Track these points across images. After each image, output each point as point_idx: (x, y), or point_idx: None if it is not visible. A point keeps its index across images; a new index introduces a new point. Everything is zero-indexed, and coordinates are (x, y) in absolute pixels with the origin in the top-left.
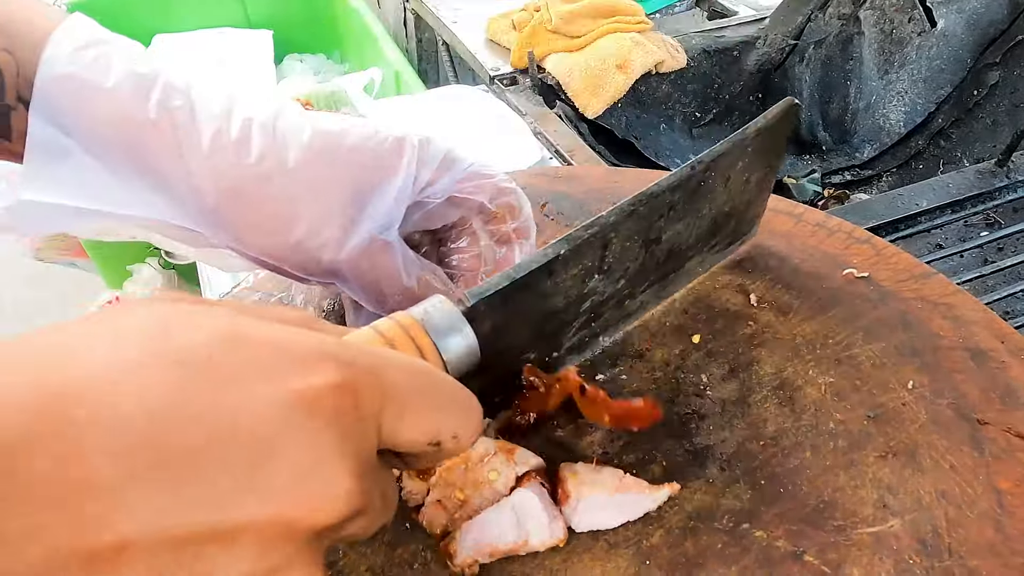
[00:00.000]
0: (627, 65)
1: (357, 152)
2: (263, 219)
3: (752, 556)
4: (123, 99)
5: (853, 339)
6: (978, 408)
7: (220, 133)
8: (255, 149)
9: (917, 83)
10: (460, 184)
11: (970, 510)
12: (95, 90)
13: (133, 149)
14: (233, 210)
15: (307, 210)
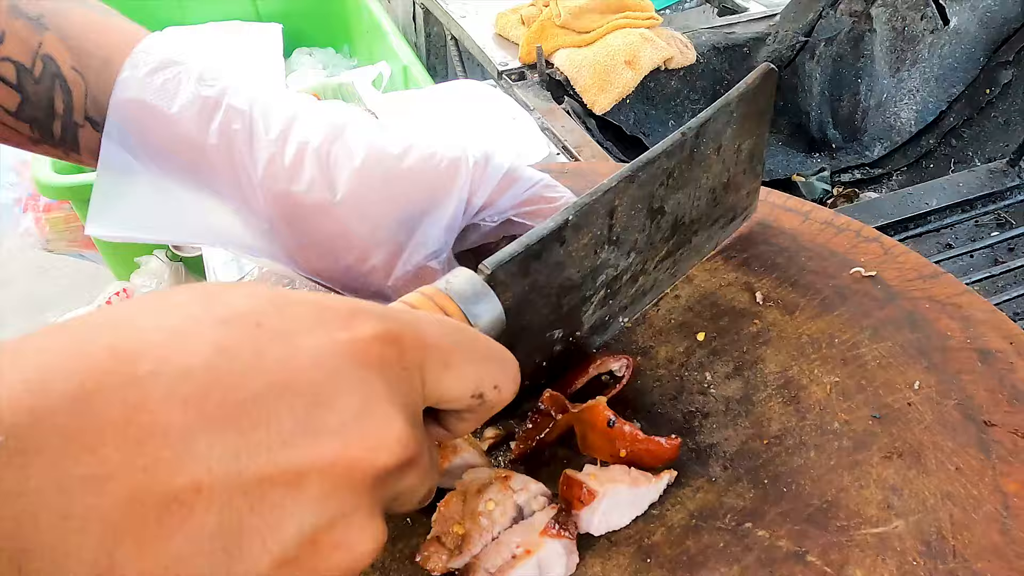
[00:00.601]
0: (636, 61)
1: (409, 177)
2: (313, 244)
3: (754, 555)
4: (187, 124)
5: (859, 339)
6: (985, 410)
7: (274, 159)
8: (306, 177)
9: (929, 81)
10: (520, 207)
11: (975, 512)
12: (161, 116)
13: (195, 172)
14: (286, 233)
15: (356, 237)
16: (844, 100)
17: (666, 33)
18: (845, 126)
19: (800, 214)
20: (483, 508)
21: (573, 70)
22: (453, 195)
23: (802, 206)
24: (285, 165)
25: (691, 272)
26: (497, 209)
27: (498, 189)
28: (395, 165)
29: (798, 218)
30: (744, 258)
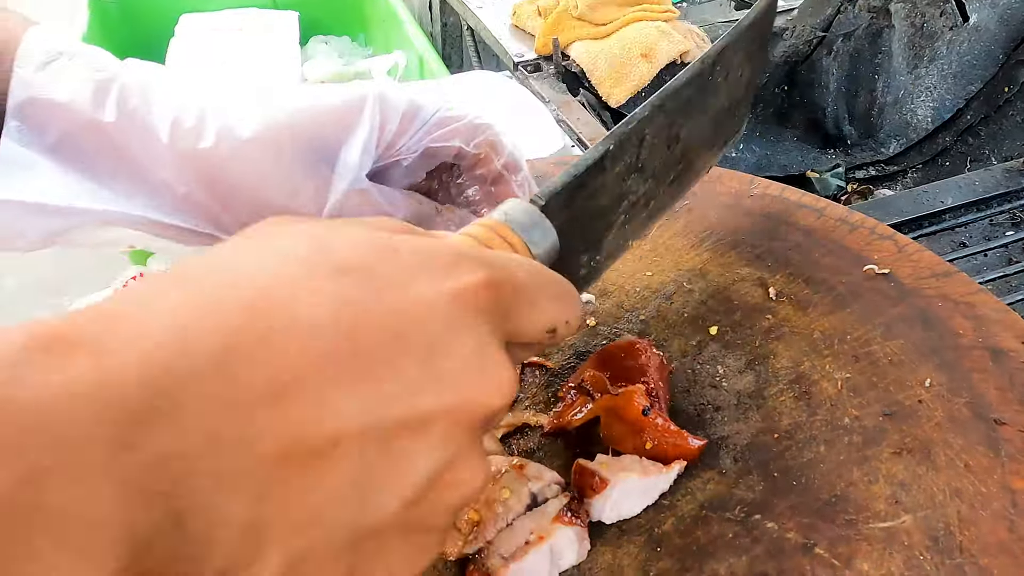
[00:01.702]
0: (652, 54)
1: (312, 114)
2: (237, 196)
3: (762, 547)
4: (82, 109)
5: (872, 335)
6: (995, 408)
7: (177, 123)
8: (209, 131)
9: (947, 78)
10: (431, 133)
11: (983, 509)
12: (55, 107)
13: (99, 153)
14: (205, 194)
15: (275, 177)
16: (860, 96)
17: (683, 27)
18: (861, 122)
19: (815, 211)
20: (498, 496)
21: (589, 62)
22: (364, 122)
23: (817, 203)
24: (189, 127)
25: (703, 267)
26: (412, 140)
27: (405, 119)
28: (294, 105)
29: (813, 215)
30: (758, 253)
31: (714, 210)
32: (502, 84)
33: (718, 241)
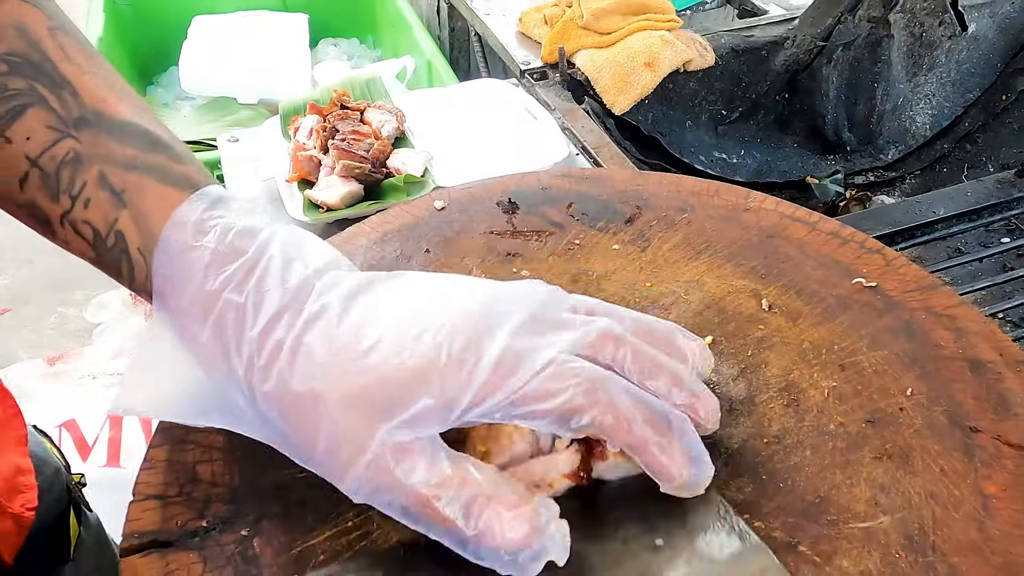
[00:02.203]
0: (656, 63)
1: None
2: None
3: None
4: (191, 322)
5: (858, 346)
6: (971, 416)
7: (251, 364)
8: (272, 382)
9: (945, 86)
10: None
11: (956, 511)
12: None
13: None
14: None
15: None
16: (860, 104)
17: (686, 35)
18: (860, 129)
19: (808, 224)
20: (509, 431)
21: (594, 71)
22: (419, 397)
23: (809, 216)
24: (260, 365)
25: (700, 279)
26: (484, 410)
27: (487, 385)
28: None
29: (805, 228)
30: (752, 266)
31: (711, 223)
32: (509, 92)
33: (714, 254)
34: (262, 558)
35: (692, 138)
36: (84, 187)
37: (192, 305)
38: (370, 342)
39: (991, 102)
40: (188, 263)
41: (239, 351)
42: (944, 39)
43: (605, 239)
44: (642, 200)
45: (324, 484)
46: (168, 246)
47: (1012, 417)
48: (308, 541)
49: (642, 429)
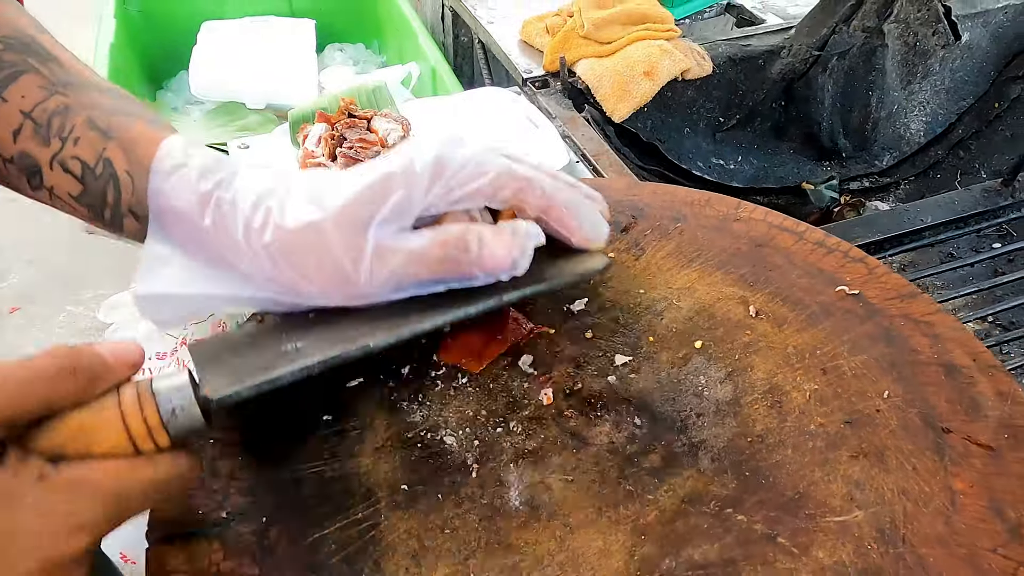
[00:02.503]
0: (654, 72)
1: (354, 190)
2: (296, 279)
3: (733, 536)
4: (192, 217)
5: (839, 351)
6: (944, 418)
7: (249, 227)
8: (269, 232)
9: (939, 94)
10: (453, 192)
11: (925, 506)
12: (175, 213)
13: (206, 250)
14: (278, 279)
15: (329, 252)
16: (855, 111)
17: (684, 45)
18: (855, 136)
19: (795, 234)
20: None
21: (594, 79)
22: (391, 194)
23: (797, 227)
24: (256, 228)
25: (691, 286)
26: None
27: (433, 180)
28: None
29: (793, 238)
30: (741, 274)
31: (703, 232)
32: (511, 101)
33: (705, 262)
34: (278, 547)
35: (690, 145)
36: (73, 129)
37: (190, 204)
38: (338, 182)
39: (984, 109)
40: (182, 176)
41: (236, 224)
42: (938, 48)
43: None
44: (637, 210)
45: (335, 479)
46: (162, 165)
47: (982, 419)
48: (320, 532)
49: (550, 193)
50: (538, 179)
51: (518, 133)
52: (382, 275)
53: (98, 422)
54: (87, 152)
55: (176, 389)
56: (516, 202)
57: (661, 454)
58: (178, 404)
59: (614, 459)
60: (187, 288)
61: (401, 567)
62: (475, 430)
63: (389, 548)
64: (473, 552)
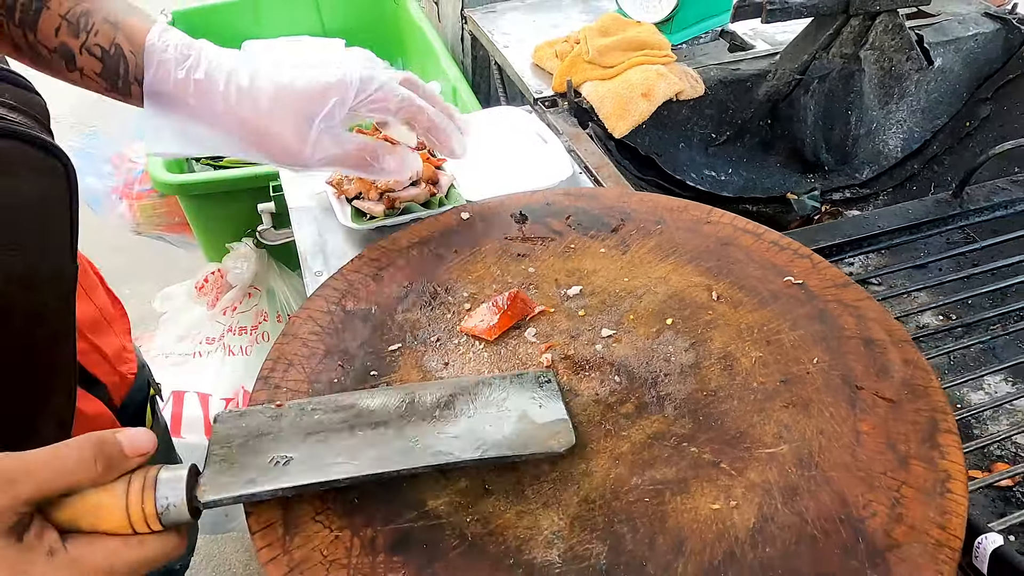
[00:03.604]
0: (651, 93)
1: (303, 93)
2: (267, 143)
3: (687, 462)
4: (180, 96)
5: (782, 327)
6: (859, 379)
7: (226, 100)
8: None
9: (916, 113)
10: (370, 103)
11: (836, 442)
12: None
13: (192, 108)
14: (250, 140)
15: (280, 133)
16: (836, 129)
17: (679, 69)
18: (837, 151)
19: (754, 235)
20: None
21: (597, 100)
22: (329, 99)
23: (757, 229)
24: (232, 104)
25: (667, 276)
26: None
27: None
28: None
29: (752, 238)
30: (708, 267)
31: (679, 233)
32: (523, 117)
33: (679, 256)
34: None
35: (685, 158)
36: (93, 25)
37: (175, 89)
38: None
39: (957, 128)
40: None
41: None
42: (912, 72)
43: (595, 244)
44: (625, 214)
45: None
46: (151, 54)
47: (889, 379)
48: None
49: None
50: (426, 108)
51: (529, 147)
52: (317, 157)
53: (107, 504)
54: (104, 40)
55: (172, 487)
56: (408, 119)
57: (635, 403)
58: (172, 502)
59: (597, 407)
60: (183, 149)
61: (432, 479)
62: None
63: None
64: (487, 470)
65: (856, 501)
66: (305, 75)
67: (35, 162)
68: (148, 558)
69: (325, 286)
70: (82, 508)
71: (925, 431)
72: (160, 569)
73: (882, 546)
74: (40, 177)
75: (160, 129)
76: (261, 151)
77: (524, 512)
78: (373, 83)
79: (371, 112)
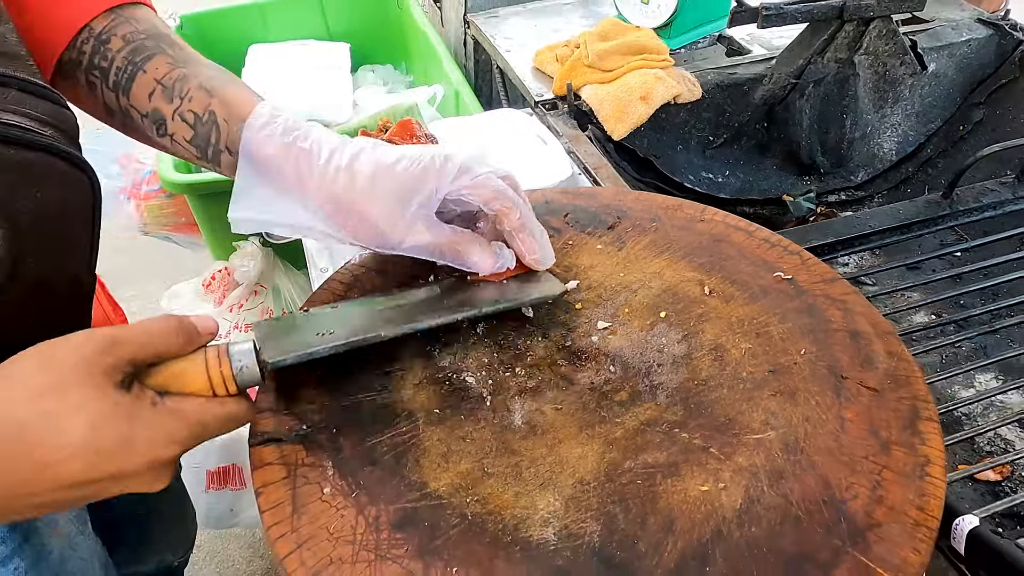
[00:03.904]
0: (649, 97)
1: (402, 175)
2: (354, 221)
3: (677, 447)
4: (277, 160)
5: (771, 320)
6: (844, 369)
7: (323, 175)
8: (340, 182)
9: (910, 117)
10: (466, 189)
11: (821, 429)
12: (265, 157)
13: (285, 186)
14: (338, 218)
15: (372, 213)
16: (831, 132)
17: (676, 73)
18: (832, 154)
19: (746, 233)
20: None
21: (597, 103)
22: (427, 184)
23: (749, 227)
24: (328, 178)
25: (661, 271)
26: (454, 190)
27: (456, 179)
28: (392, 170)
29: (744, 235)
30: (701, 262)
31: (673, 230)
32: (524, 120)
33: (673, 253)
34: (344, 448)
35: (682, 160)
36: (188, 91)
37: (277, 150)
38: (392, 160)
39: (951, 131)
40: (271, 131)
41: (312, 170)
42: (906, 76)
43: (592, 241)
44: (622, 212)
45: (385, 404)
46: (256, 121)
47: (873, 370)
48: (376, 439)
49: (524, 221)
50: (520, 205)
51: (530, 148)
52: (407, 243)
53: (190, 371)
54: (198, 106)
55: (244, 353)
56: (499, 214)
57: (628, 392)
58: (245, 364)
59: (593, 395)
60: (264, 215)
61: (435, 463)
62: (489, 373)
63: (426, 451)
64: (487, 454)
65: (839, 484)
66: (408, 156)
67: (62, 175)
68: (230, 415)
69: (331, 279)
70: (169, 375)
71: (906, 418)
72: (160, 569)
73: (863, 526)
74: (65, 189)
75: (248, 192)
76: (348, 231)
77: (521, 493)
78: (474, 171)
79: (463, 199)
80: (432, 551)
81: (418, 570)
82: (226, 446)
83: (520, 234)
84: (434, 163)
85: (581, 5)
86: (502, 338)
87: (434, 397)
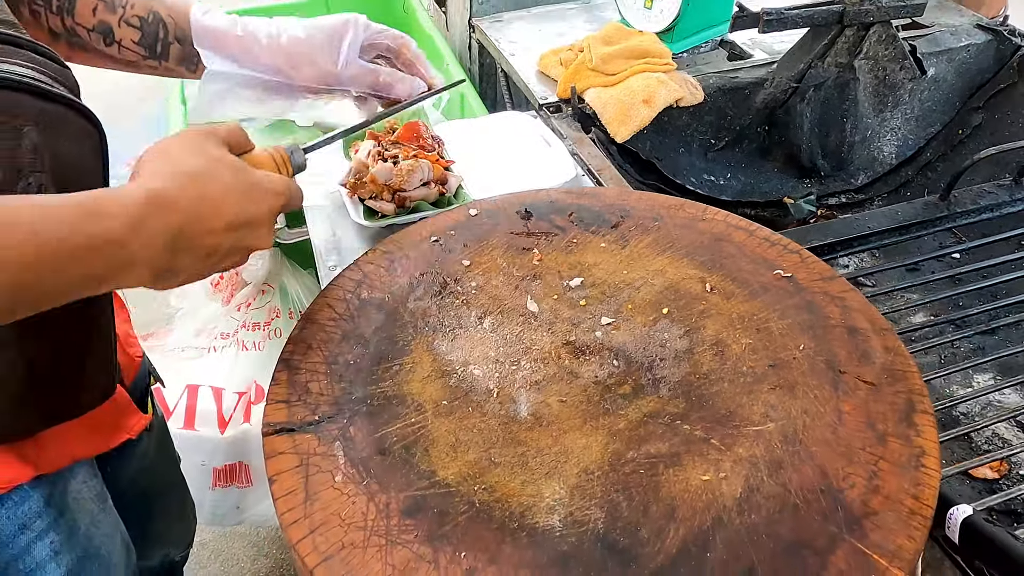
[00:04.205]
0: (652, 100)
1: (329, 28)
2: (307, 68)
3: (679, 438)
4: (228, 29)
5: (771, 317)
6: (842, 364)
7: (270, 35)
8: (283, 37)
9: (910, 121)
10: (376, 33)
11: (819, 421)
12: (216, 31)
13: (238, 52)
14: (290, 69)
15: (317, 58)
16: (832, 136)
17: (679, 76)
18: (833, 157)
19: (747, 232)
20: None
21: (600, 106)
22: (350, 29)
23: (749, 227)
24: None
25: (663, 269)
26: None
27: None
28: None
29: (745, 234)
30: (702, 260)
31: (676, 229)
32: (529, 122)
33: (675, 251)
34: (355, 438)
35: (685, 163)
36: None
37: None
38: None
39: (950, 135)
40: (213, 12)
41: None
42: (906, 81)
43: (596, 239)
44: (625, 211)
45: (395, 396)
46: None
47: (870, 364)
48: (386, 429)
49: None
50: (413, 44)
51: (534, 150)
52: (347, 74)
53: (262, 157)
54: (141, 10)
55: (291, 147)
56: (403, 45)
57: (632, 385)
58: (293, 151)
59: (597, 388)
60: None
61: (443, 453)
62: (496, 367)
63: (434, 441)
64: (494, 445)
65: (836, 473)
66: (324, 18)
67: (78, 127)
68: (291, 187)
69: (342, 276)
70: (251, 160)
71: (902, 411)
72: (163, 564)
73: (859, 514)
74: (80, 140)
75: (210, 59)
76: (301, 77)
77: (528, 482)
78: (374, 24)
79: (375, 40)
80: (441, 536)
81: (427, 554)
82: (233, 444)
83: (419, 62)
84: (350, 17)
85: (585, 10)
86: (508, 332)
87: (442, 390)
